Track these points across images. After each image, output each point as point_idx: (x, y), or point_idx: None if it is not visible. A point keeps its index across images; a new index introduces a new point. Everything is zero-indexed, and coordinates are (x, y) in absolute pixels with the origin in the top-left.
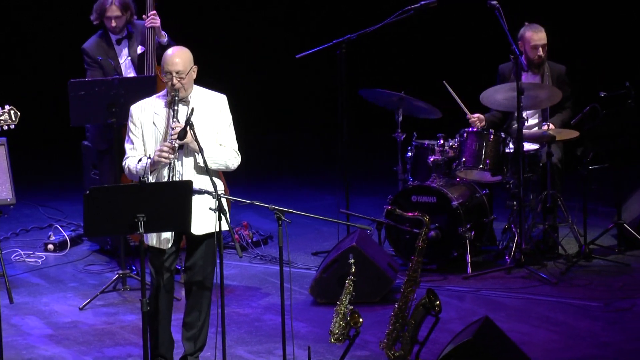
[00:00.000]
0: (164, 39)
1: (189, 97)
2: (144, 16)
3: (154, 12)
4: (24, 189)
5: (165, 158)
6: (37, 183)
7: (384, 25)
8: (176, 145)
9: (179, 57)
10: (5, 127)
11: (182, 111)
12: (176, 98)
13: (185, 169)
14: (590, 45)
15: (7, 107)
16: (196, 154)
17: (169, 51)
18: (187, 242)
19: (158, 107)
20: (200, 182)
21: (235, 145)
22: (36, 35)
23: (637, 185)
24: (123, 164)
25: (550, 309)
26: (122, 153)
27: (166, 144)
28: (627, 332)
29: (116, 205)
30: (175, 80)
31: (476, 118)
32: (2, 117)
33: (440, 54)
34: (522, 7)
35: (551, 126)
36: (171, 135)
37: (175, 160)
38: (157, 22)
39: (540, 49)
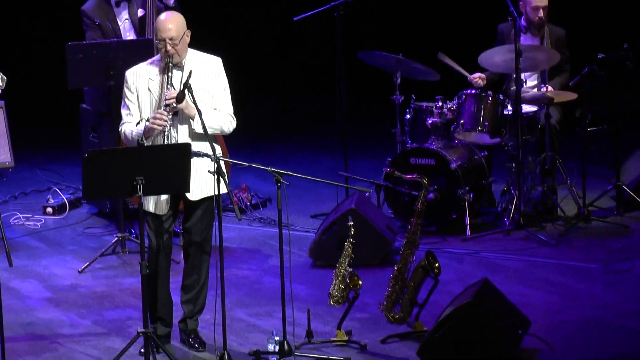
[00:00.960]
0: (171, 0)
1: (183, 62)
2: None
3: None
4: (22, 152)
5: (159, 125)
6: (36, 146)
7: None
8: (171, 110)
9: (171, 23)
10: None
11: (177, 77)
12: (170, 64)
13: (180, 135)
14: (588, 6)
15: None
16: (191, 120)
17: (162, 17)
18: (185, 205)
19: (153, 73)
20: (197, 146)
21: (231, 109)
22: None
23: (636, 147)
24: (120, 129)
25: (550, 270)
26: (120, 117)
27: (160, 110)
28: (626, 293)
29: (115, 168)
30: (169, 47)
31: (477, 77)
32: None
33: (439, 15)
34: None
35: (550, 88)
36: (165, 100)
37: (172, 126)
38: None
39: (541, 10)
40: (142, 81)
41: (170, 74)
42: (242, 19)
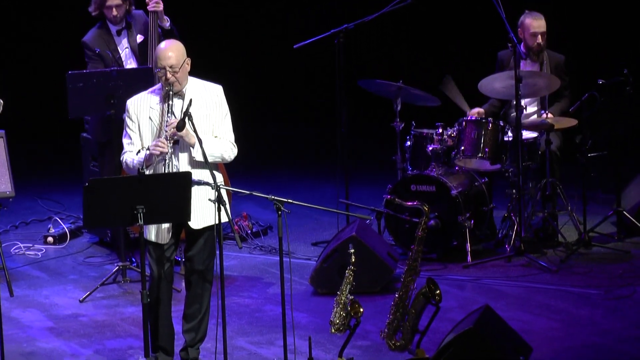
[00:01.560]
0: (167, 23)
1: (184, 90)
2: (146, 0)
3: None
4: (23, 181)
5: (160, 153)
6: (37, 176)
7: (382, 14)
8: (172, 139)
9: (171, 51)
10: None
11: (178, 105)
12: (170, 92)
13: (181, 163)
14: (588, 33)
15: None
16: (191, 148)
17: (162, 45)
18: (187, 233)
19: (153, 102)
20: (198, 175)
21: (232, 137)
22: (35, 28)
23: (636, 173)
24: (121, 158)
25: (551, 296)
26: (121, 145)
27: (161, 138)
28: (627, 319)
29: (115, 197)
30: (169, 75)
31: (476, 112)
32: None
33: (439, 42)
34: None
35: (550, 114)
36: (166, 129)
37: (173, 154)
38: (160, 6)
39: (540, 36)
40: (143, 110)
41: (171, 102)
42: (243, 47)
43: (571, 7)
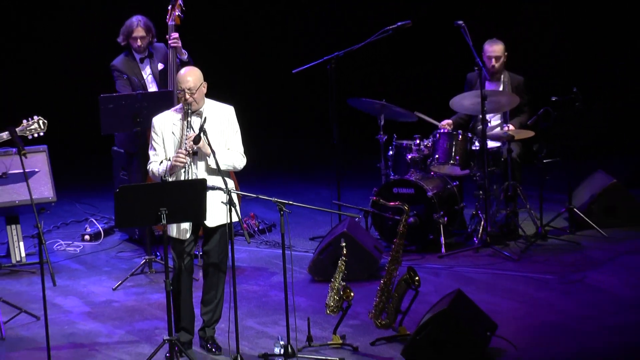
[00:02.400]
0: (184, 56)
1: (201, 109)
2: (167, 37)
3: (176, 34)
4: (63, 188)
5: (181, 162)
6: (75, 183)
7: (367, 44)
8: (191, 150)
9: (190, 76)
10: (36, 135)
11: (196, 122)
12: (189, 111)
13: (199, 171)
14: (543, 57)
15: (35, 118)
16: (207, 158)
17: (182, 71)
18: (204, 231)
19: (175, 119)
20: (213, 181)
21: (242, 149)
22: (75, 60)
23: (585, 176)
24: (147, 167)
25: (513, 282)
26: (146, 157)
27: (182, 150)
28: (578, 301)
29: (142, 201)
30: (188, 96)
31: (445, 124)
32: (32, 126)
33: (417, 66)
34: (493, 27)
35: (511, 127)
36: (186, 142)
37: (192, 164)
38: (179, 43)
39: (494, 59)
40: (166, 126)
41: (189, 119)
42: (253, 73)
43: (530, 36)
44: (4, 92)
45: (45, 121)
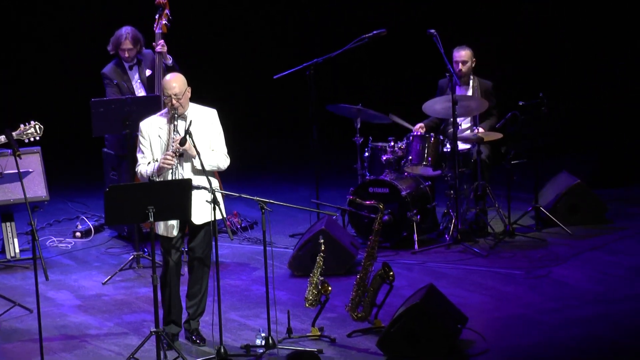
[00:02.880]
0: (169, 61)
1: (186, 113)
2: (153, 44)
3: (162, 41)
4: (56, 187)
5: (169, 164)
6: (67, 183)
7: (344, 51)
8: (177, 152)
9: (175, 82)
10: (32, 139)
11: (181, 125)
12: (175, 115)
13: (185, 171)
14: (512, 63)
15: (32, 122)
16: (193, 160)
17: (167, 77)
18: (189, 228)
19: (162, 123)
20: (198, 181)
21: (225, 150)
22: (68, 64)
23: (550, 176)
24: (136, 169)
25: (482, 276)
26: (135, 158)
27: (168, 152)
28: (544, 294)
29: (131, 200)
30: (174, 101)
31: (419, 127)
32: (29, 131)
33: (392, 73)
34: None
35: (480, 130)
36: (172, 145)
37: (178, 165)
38: (165, 49)
39: (460, 64)
40: (153, 130)
41: (175, 123)
42: (237, 78)
43: (498, 44)
44: (1, 95)
45: (42, 126)
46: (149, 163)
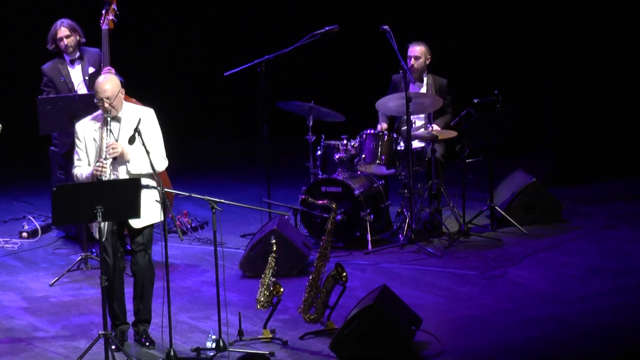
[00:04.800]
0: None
1: (119, 114)
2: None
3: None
4: (1, 187)
5: (101, 171)
6: (12, 182)
7: (296, 47)
8: (110, 160)
9: (108, 85)
10: None
11: (115, 127)
12: (108, 118)
13: (120, 175)
14: (466, 60)
15: None
16: (127, 163)
17: (99, 80)
18: (128, 230)
19: (96, 125)
20: (143, 181)
21: (163, 152)
22: (10, 61)
23: (505, 175)
24: (72, 171)
25: (437, 277)
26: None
27: (102, 159)
28: (499, 295)
29: (78, 199)
30: (106, 104)
31: (384, 128)
32: None
33: (343, 68)
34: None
35: (435, 127)
36: (105, 150)
37: (112, 170)
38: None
39: (413, 59)
40: (88, 132)
41: (108, 127)
42: (186, 74)
43: (453, 41)
44: None
45: (0, 125)
46: (88, 164)
